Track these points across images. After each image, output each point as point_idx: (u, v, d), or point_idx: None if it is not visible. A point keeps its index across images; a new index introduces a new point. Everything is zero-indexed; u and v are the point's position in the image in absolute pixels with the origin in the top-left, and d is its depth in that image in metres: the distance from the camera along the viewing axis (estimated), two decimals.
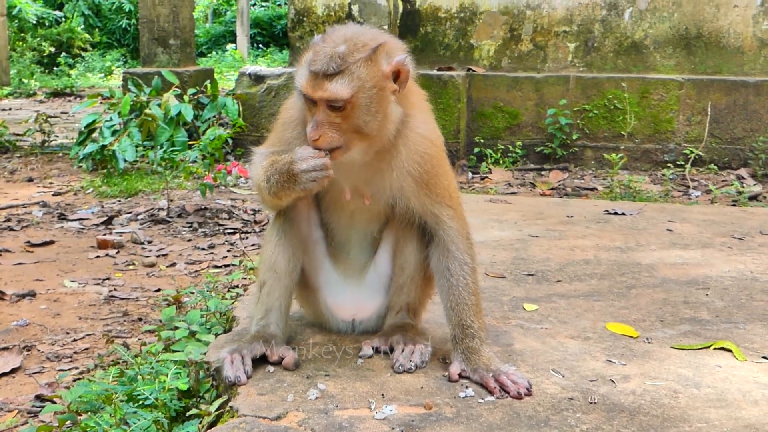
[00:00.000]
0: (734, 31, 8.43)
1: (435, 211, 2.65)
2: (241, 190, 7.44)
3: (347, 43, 2.41)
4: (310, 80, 2.40)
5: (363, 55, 2.40)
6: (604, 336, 3.01)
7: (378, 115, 2.43)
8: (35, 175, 8.36)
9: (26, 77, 19.88)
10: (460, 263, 2.67)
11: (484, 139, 8.53)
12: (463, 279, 2.66)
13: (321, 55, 2.39)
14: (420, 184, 2.59)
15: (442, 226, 2.67)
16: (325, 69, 2.37)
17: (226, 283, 4.42)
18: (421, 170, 2.58)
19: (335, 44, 2.41)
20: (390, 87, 2.45)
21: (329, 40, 2.44)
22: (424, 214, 2.66)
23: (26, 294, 4.47)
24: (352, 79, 2.38)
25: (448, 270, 2.67)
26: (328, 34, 2.48)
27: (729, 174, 7.96)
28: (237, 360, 2.59)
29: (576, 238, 4.69)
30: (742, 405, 2.41)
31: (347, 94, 2.37)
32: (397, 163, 2.55)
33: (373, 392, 2.46)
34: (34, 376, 3.44)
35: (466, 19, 8.97)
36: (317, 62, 2.39)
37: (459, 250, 2.67)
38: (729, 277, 3.87)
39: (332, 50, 2.39)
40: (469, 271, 2.67)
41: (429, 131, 2.63)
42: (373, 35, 2.49)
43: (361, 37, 2.45)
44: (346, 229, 2.82)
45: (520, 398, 2.42)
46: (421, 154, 2.57)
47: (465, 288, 2.65)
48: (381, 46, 2.45)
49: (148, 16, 10.50)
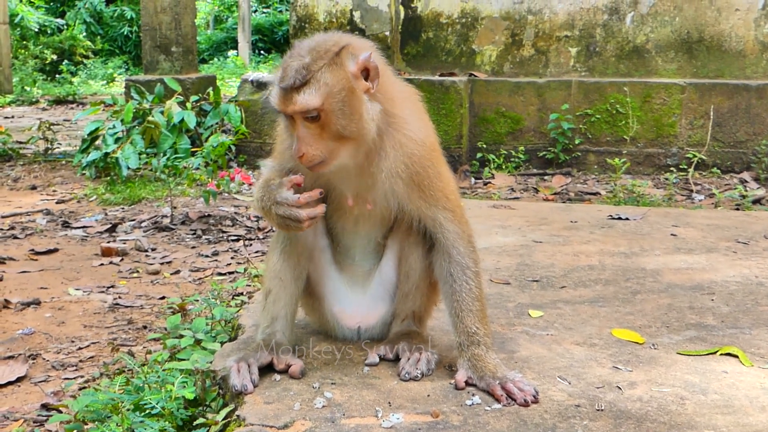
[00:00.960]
0: (736, 35, 8.44)
1: (431, 214, 2.63)
2: (245, 196, 7.44)
3: (311, 53, 2.43)
4: (281, 96, 2.43)
5: (326, 61, 2.41)
6: (610, 342, 3.00)
7: (354, 117, 2.43)
8: (39, 182, 8.37)
9: (29, 85, 19.92)
10: (463, 268, 2.65)
11: (487, 145, 8.53)
12: (466, 284, 2.64)
13: (288, 70, 2.42)
14: (411, 186, 2.58)
15: (441, 230, 2.66)
16: (292, 83, 2.39)
17: (230, 291, 4.42)
18: (411, 171, 2.56)
19: (300, 56, 2.43)
20: (361, 86, 2.45)
21: (295, 53, 2.46)
22: (422, 217, 2.65)
23: (31, 302, 4.47)
24: (318, 87, 2.39)
25: (451, 275, 2.66)
26: (295, 47, 2.50)
27: (732, 178, 7.96)
28: (243, 368, 2.59)
29: (580, 244, 4.69)
30: (750, 411, 2.40)
31: (317, 102, 2.38)
32: (385, 165, 2.54)
33: (380, 400, 2.46)
34: (40, 384, 3.44)
35: (468, 25, 8.98)
36: (285, 78, 2.41)
37: (460, 255, 2.66)
38: (734, 282, 3.87)
39: (297, 63, 2.41)
40: (471, 275, 2.66)
41: (416, 131, 2.60)
42: (335, 40, 2.50)
43: (324, 44, 2.47)
44: (351, 235, 2.82)
45: (526, 406, 2.42)
46: (408, 155, 2.55)
47: (468, 293, 2.64)
48: (344, 49, 2.45)
49: (150, 23, 10.52)
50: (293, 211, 2.47)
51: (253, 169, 8.64)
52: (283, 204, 2.48)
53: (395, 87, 2.62)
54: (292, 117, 2.44)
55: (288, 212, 2.47)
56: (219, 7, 33.70)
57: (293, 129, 2.47)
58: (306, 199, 2.48)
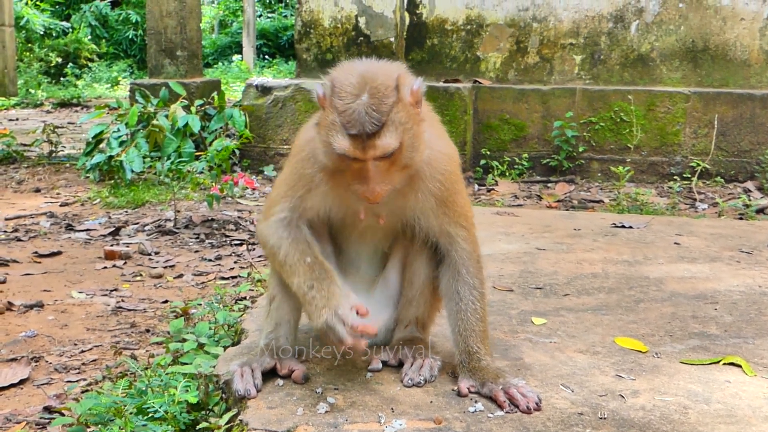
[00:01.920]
0: (741, 44, 8.44)
1: (451, 230, 2.64)
2: (248, 201, 7.45)
3: (369, 90, 2.31)
4: (354, 144, 2.30)
5: (393, 99, 2.32)
6: (613, 350, 3.00)
7: (419, 146, 2.41)
8: (42, 185, 8.38)
9: (33, 87, 19.95)
10: (470, 287, 2.67)
11: (491, 151, 8.53)
12: (472, 304, 2.65)
13: (354, 115, 2.29)
14: (440, 203, 2.59)
15: (456, 247, 2.67)
16: (368, 129, 2.28)
17: (233, 295, 4.43)
18: (443, 188, 2.57)
19: (357, 95, 2.31)
20: (417, 115, 2.42)
21: (347, 93, 2.33)
22: (439, 233, 2.65)
23: (34, 305, 4.48)
24: (395, 128, 2.31)
25: (458, 294, 2.67)
26: (341, 84, 2.36)
27: (736, 187, 7.95)
28: (247, 373, 2.59)
29: (583, 252, 4.69)
30: (753, 421, 2.40)
31: (396, 143, 2.32)
32: (421, 184, 2.54)
33: (383, 406, 2.46)
34: (42, 387, 3.44)
35: (473, 32, 8.99)
36: (353, 124, 2.28)
37: (469, 274, 2.67)
38: (737, 292, 3.86)
39: (362, 105, 2.29)
40: (478, 296, 2.67)
41: (447, 146, 2.63)
42: (384, 71, 2.41)
43: (377, 78, 2.36)
44: (357, 246, 2.82)
45: (529, 413, 2.42)
46: (442, 171, 2.57)
47: (473, 314, 2.65)
48: (399, 81, 2.38)
49: (155, 27, 10.55)
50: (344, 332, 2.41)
51: (257, 174, 8.65)
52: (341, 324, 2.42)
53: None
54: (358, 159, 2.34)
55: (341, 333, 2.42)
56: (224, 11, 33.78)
57: (352, 167, 2.37)
58: (362, 330, 2.44)
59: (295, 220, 2.63)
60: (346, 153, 2.32)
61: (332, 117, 2.34)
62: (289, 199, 2.63)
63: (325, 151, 2.41)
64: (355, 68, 2.43)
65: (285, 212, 2.63)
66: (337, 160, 2.38)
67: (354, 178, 2.39)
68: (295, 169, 2.63)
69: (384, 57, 2.59)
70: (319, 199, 2.60)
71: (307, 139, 2.60)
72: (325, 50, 9.17)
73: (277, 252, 2.62)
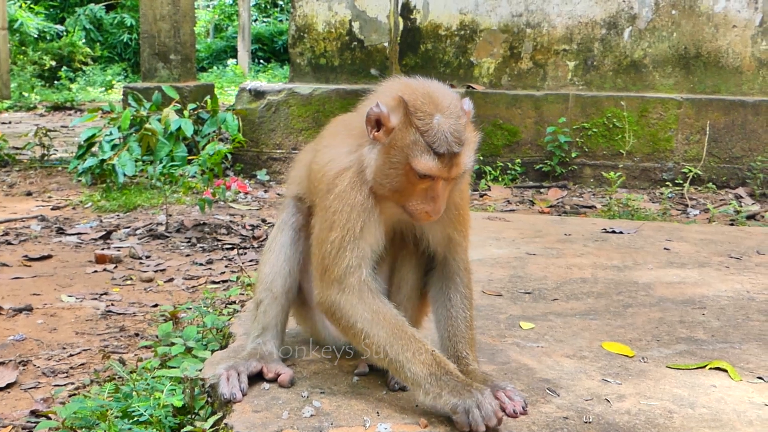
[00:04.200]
0: (733, 51, 8.47)
1: (455, 239, 2.65)
2: (240, 205, 7.45)
3: (444, 110, 2.34)
4: (441, 162, 2.31)
5: (465, 121, 2.38)
6: (600, 355, 3.01)
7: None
8: (34, 188, 8.37)
9: (27, 91, 19.94)
10: (462, 296, 2.69)
11: (483, 157, 8.54)
12: (463, 313, 2.67)
13: (440, 134, 2.30)
14: (454, 212, 2.61)
15: (453, 257, 2.69)
16: (455, 149, 2.31)
17: (223, 299, 4.42)
18: (459, 198, 2.60)
19: (432, 114, 2.33)
20: (472, 132, 2.44)
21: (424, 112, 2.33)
22: (442, 241, 2.65)
23: (23, 308, 4.47)
24: (470, 149, 2.38)
25: (450, 301, 2.69)
26: (415, 104, 2.35)
27: (727, 193, 7.98)
28: (233, 377, 2.59)
29: (573, 257, 4.70)
30: (737, 425, 2.40)
31: (471, 163, 2.39)
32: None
33: (368, 410, 2.45)
34: (30, 391, 3.43)
35: (467, 37, 9.01)
36: (441, 143, 2.30)
37: (463, 284, 2.70)
38: (726, 297, 3.87)
39: (445, 124, 2.31)
40: (468, 306, 2.70)
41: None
42: (443, 90, 2.44)
43: (446, 97, 2.39)
44: None
45: (515, 417, 2.41)
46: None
47: (464, 321, 2.67)
48: (462, 101, 2.44)
49: (149, 31, 10.55)
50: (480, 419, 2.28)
51: (249, 178, 8.65)
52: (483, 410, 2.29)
53: None
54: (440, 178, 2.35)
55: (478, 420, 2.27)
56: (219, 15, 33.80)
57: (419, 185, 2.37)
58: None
59: (370, 274, 2.50)
60: (431, 172, 2.32)
61: (413, 137, 2.33)
62: (351, 242, 2.46)
63: (396, 173, 2.37)
64: (416, 87, 2.44)
65: (359, 268, 2.47)
66: (412, 180, 2.36)
67: (418, 198, 2.39)
68: (343, 201, 2.46)
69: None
70: (374, 228, 2.50)
71: (344, 167, 2.49)
72: (318, 55, 9.18)
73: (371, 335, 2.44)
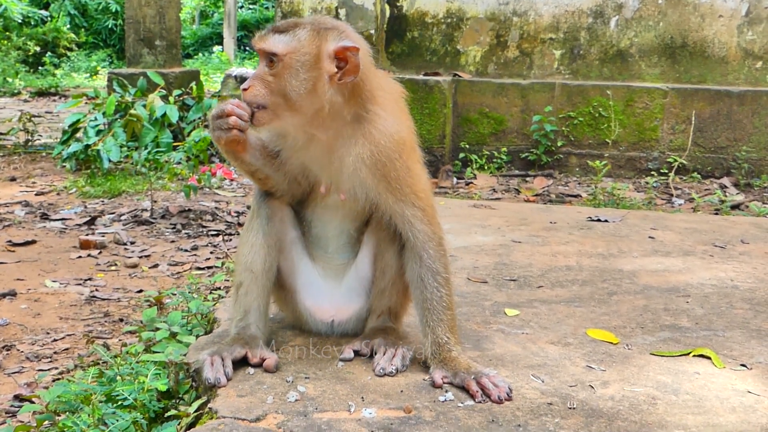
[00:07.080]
0: (719, 41, 8.50)
1: (399, 209, 2.62)
2: (225, 192, 7.42)
3: (312, 19, 2.58)
4: (261, 35, 2.56)
5: (313, 27, 2.53)
6: (585, 342, 3.01)
7: (304, 85, 2.50)
8: (18, 174, 8.31)
9: (11, 76, 19.76)
10: (433, 273, 2.64)
11: (470, 145, 8.55)
12: (437, 291, 2.63)
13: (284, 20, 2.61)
14: (377, 176, 2.58)
15: (411, 229, 2.64)
16: (277, 26, 2.55)
17: (208, 285, 4.41)
18: (375, 160, 2.56)
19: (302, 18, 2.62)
20: (327, 68, 2.51)
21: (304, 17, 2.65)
22: (392, 213, 2.64)
23: (7, 293, 4.44)
24: (291, 40, 2.51)
25: (422, 280, 2.65)
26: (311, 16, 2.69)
27: (712, 183, 8.02)
28: (217, 362, 2.58)
29: (559, 244, 4.71)
30: (720, 412, 2.42)
31: (281, 50, 2.50)
32: (353, 150, 2.57)
33: (353, 395, 2.45)
34: (13, 375, 3.42)
35: (453, 25, 9.00)
36: (276, 23, 2.59)
37: (431, 258, 2.65)
38: (709, 285, 3.89)
39: (294, 19, 2.59)
40: (442, 282, 2.65)
41: (388, 126, 2.60)
42: (338, 24, 2.60)
43: (326, 20, 2.60)
44: (323, 225, 2.82)
45: (500, 403, 2.42)
46: (375, 143, 2.56)
47: (439, 302, 2.63)
48: (335, 30, 2.55)
49: (134, 16, 10.47)
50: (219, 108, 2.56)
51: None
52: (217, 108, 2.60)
53: (378, 85, 2.63)
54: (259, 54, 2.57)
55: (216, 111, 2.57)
56: (205, 2, 33.59)
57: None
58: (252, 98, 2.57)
59: None
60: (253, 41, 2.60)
61: None
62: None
63: None
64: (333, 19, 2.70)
65: None
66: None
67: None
68: None
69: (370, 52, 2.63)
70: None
71: None
72: None
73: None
